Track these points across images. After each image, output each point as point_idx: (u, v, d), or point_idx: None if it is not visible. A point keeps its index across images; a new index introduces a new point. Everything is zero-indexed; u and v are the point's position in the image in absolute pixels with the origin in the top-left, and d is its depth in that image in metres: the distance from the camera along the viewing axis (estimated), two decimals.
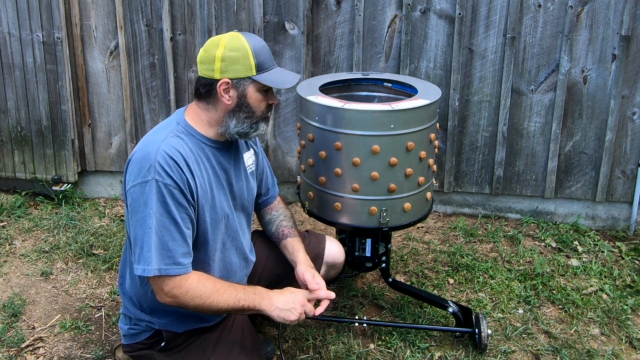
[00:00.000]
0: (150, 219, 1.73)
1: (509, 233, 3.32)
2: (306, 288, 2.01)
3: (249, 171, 2.07)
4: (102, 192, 3.78)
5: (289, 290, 1.93)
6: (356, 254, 2.41)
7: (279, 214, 2.25)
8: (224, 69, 1.81)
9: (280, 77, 1.87)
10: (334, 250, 2.30)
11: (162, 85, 3.53)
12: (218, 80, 1.82)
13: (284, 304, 1.88)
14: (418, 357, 2.38)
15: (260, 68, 1.83)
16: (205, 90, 1.86)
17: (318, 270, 2.23)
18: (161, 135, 1.82)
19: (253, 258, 2.16)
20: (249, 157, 2.08)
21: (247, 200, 2.07)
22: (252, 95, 1.85)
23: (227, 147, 1.96)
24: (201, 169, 1.85)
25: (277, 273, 2.23)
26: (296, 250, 2.14)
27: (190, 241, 1.81)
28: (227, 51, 1.80)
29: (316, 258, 2.25)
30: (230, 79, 1.82)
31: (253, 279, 2.22)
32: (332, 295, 2.01)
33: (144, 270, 1.75)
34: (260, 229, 2.33)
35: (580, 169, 3.33)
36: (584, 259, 3.08)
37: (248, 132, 1.89)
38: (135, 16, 3.43)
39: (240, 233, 2.05)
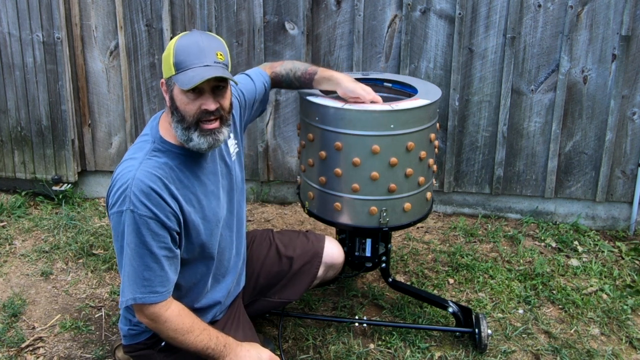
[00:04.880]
0: (126, 249, 1.73)
1: (509, 233, 3.32)
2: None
3: (233, 158, 2.02)
4: (102, 192, 3.78)
5: (256, 349, 1.89)
6: (356, 254, 2.41)
7: (287, 69, 2.24)
8: (162, 69, 1.76)
9: (191, 77, 1.67)
10: (332, 251, 2.30)
11: None
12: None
13: None
14: (418, 357, 2.38)
15: (178, 67, 1.70)
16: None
17: (316, 270, 2.25)
18: (137, 159, 1.76)
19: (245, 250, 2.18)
20: (232, 144, 2.02)
21: (240, 188, 2.06)
22: (178, 96, 1.73)
23: None
24: (185, 185, 1.80)
25: (275, 271, 2.24)
26: (327, 76, 2.18)
27: (170, 268, 1.77)
28: (166, 50, 1.75)
29: (314, 257, 2.25)
30: (164, 79, 1.77)
31: (251, 278, 2.23)
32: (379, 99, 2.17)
33: (120, 301, 1.76)
34: (259, 228, 2.32)
35: (580, 169, 3.33)
36: (584, 259, 3.08)
37: (186, 140, 1.74)
38: (135, 16, 3.43)
39: (236, 229, 2.05)
